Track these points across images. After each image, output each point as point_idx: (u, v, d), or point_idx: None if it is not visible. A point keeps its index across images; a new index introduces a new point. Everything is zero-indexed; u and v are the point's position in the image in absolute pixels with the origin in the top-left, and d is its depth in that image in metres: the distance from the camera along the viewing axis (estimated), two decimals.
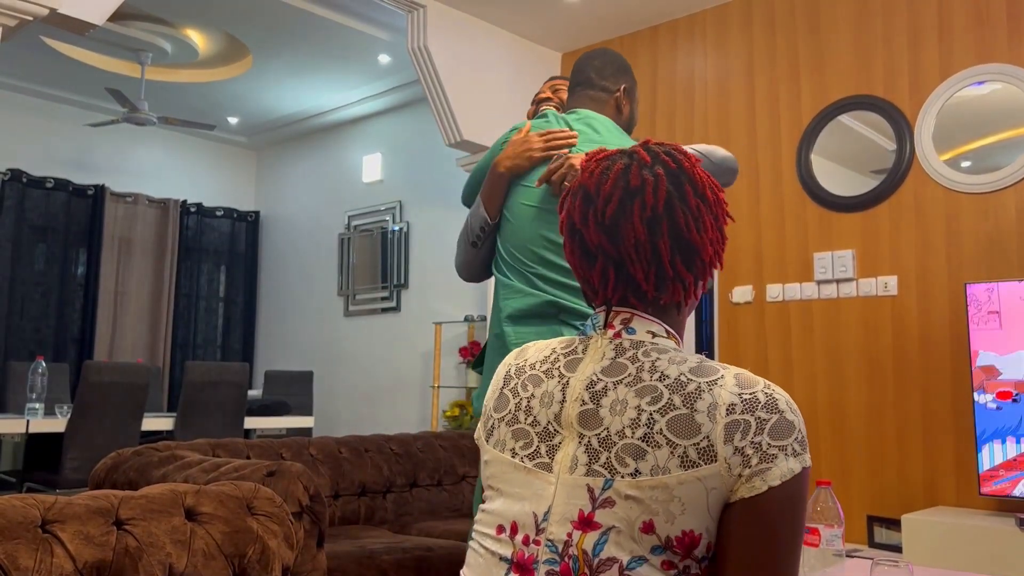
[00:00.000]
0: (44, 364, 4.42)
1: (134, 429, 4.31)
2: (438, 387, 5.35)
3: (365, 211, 6.30)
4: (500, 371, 1.13)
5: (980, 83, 3.36)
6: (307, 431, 5.40)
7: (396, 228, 6.03)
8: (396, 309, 5.97)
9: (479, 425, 1.12)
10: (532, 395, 1.05)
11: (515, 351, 1.15)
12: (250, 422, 4.97)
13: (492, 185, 1.95)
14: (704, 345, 4.37)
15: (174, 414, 4.73)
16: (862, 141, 3.67)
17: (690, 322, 4.28)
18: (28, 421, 4.07)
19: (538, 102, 2.29)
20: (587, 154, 1.10)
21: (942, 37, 3.47)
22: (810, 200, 3.77)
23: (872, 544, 3.40)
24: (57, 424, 4.14)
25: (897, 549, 3.24)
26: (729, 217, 1.08)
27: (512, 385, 1.08)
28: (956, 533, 2.89)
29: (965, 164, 3.38)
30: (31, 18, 2.86)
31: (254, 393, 5.76)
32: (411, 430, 5.66)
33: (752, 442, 0.90)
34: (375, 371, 6.04)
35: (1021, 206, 3.25)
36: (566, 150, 1.91)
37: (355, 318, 6.29)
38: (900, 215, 3.52)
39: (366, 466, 3.11)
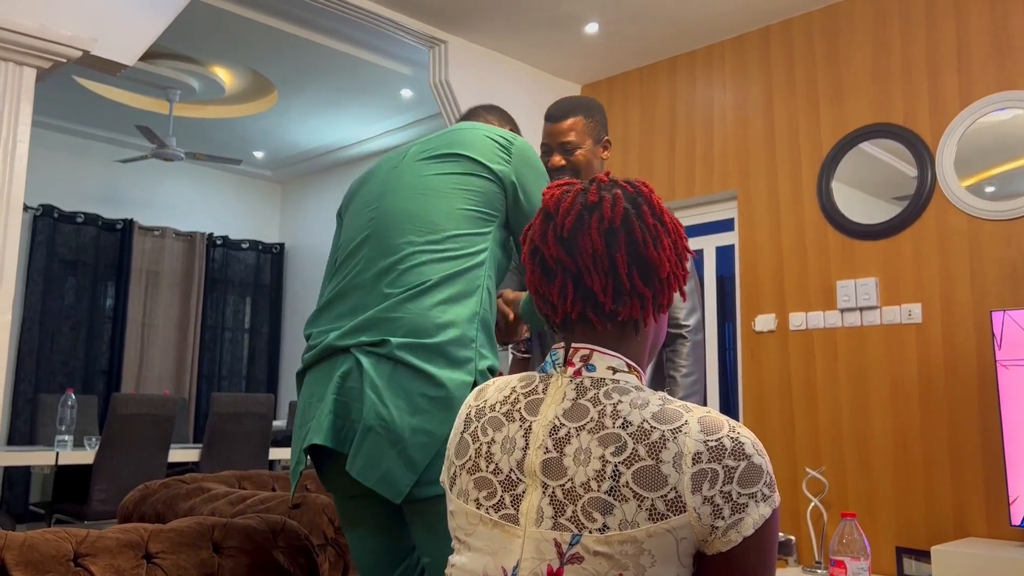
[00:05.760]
0: (73, 396, 4.48)
1: (161, 461, 4.36)
2: None
3: None
4: (461, 413, 1.11)
5: (1002, 109, 3.36)
6: None
7: None
8: None
9: (443, 470, 1.10)
10: (492, 440, 1.03)
11: (475, 390, 1.13)
12: (275, 453, 5.00)
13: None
14: (728, 374, 4.35)
15: (200, 445, 4.77)
16: (883, 168, 3.67)
17: (713, 351, 4.27)
18: (58, 453, 4.12)
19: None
20: (550, 184, 1.12)
21: (961, 65, 3.48)
22: (832, 228, 3.76)
23: None
24: (86, 456, 4.19)
25: None
26: (690, 252, 1.08)
27: (472, 429, 1.06)
28: (988, 565, 2.84)
29: (989, 190, 3.37)
30: (65, 60, 2.94)
31: (279, 424, 5.79)
32: None
33: (722, 492, 0.90)
34: None
35: None
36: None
37: None
38: (923, 242, 3.50)
39: None
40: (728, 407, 4.27)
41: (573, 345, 1.04)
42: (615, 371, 1.01)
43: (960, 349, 3.35)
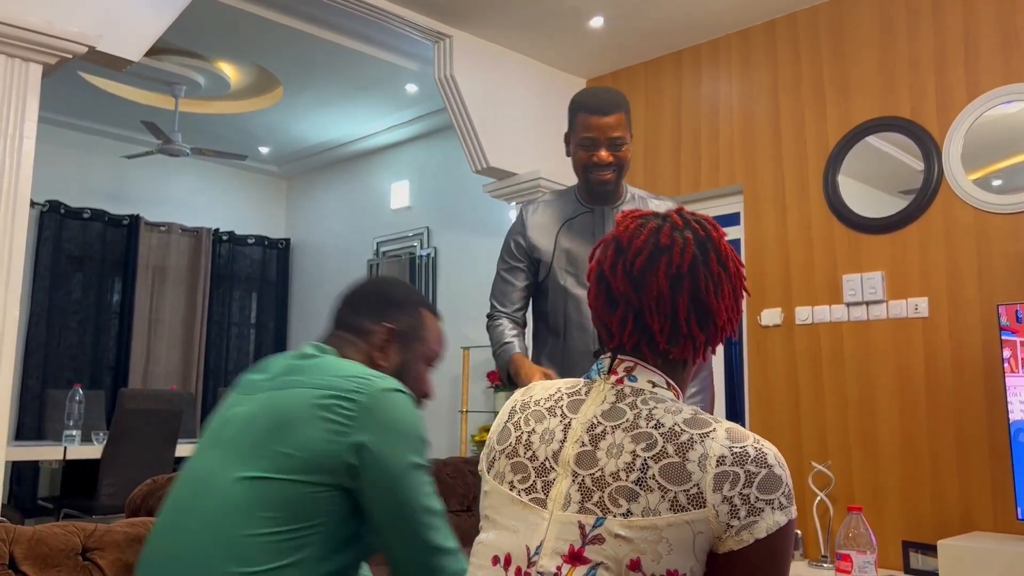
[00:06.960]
0: (81, 391, 4.50)
1: (168, 455, 4.37)
2: (467, 412, 5.36)
3: (393, 237, 6.36)
4: (507, 405, 1.19)
5: (1009, 103, 3.34)
6: None
7: (424, 253, 6.08)
8: None
9: (482, 456, 1.17)
10: (533, 430, 1.10)
11: (523, 388, 1.21)
12: None
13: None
14: (733, 368, 4.35)
15: None
16: (890, 161, 3.66)
17: (718, 346, 4.26)
18: (65, 448, 4.14)
19: None
20: (623, 212, 1.17)
21: (968, 59, 3.46)
22: (838, 222, 3.75)
23: (907, 570, 3.34)
24: (93, 451, 4.21)
25: (934, 575, 3.18)
26: (746, 292, 1.15)
27: (516, 419, 1.14)
28: (994, 559, 2.84)
29: (996, 183, 3.35)
30: (71, 56, 2.95)
31: None
32: (440, 455, 5.66)
33: (740, 493, 0.95)
34: None
35: None
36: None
37: None
38: (929, 236, 3.49)
39: None
40: (734, 401, 4.27)
41: (619, 356, 1.12)
42: (655, 385, 1.09)
43: (967, 343, 3.35)
